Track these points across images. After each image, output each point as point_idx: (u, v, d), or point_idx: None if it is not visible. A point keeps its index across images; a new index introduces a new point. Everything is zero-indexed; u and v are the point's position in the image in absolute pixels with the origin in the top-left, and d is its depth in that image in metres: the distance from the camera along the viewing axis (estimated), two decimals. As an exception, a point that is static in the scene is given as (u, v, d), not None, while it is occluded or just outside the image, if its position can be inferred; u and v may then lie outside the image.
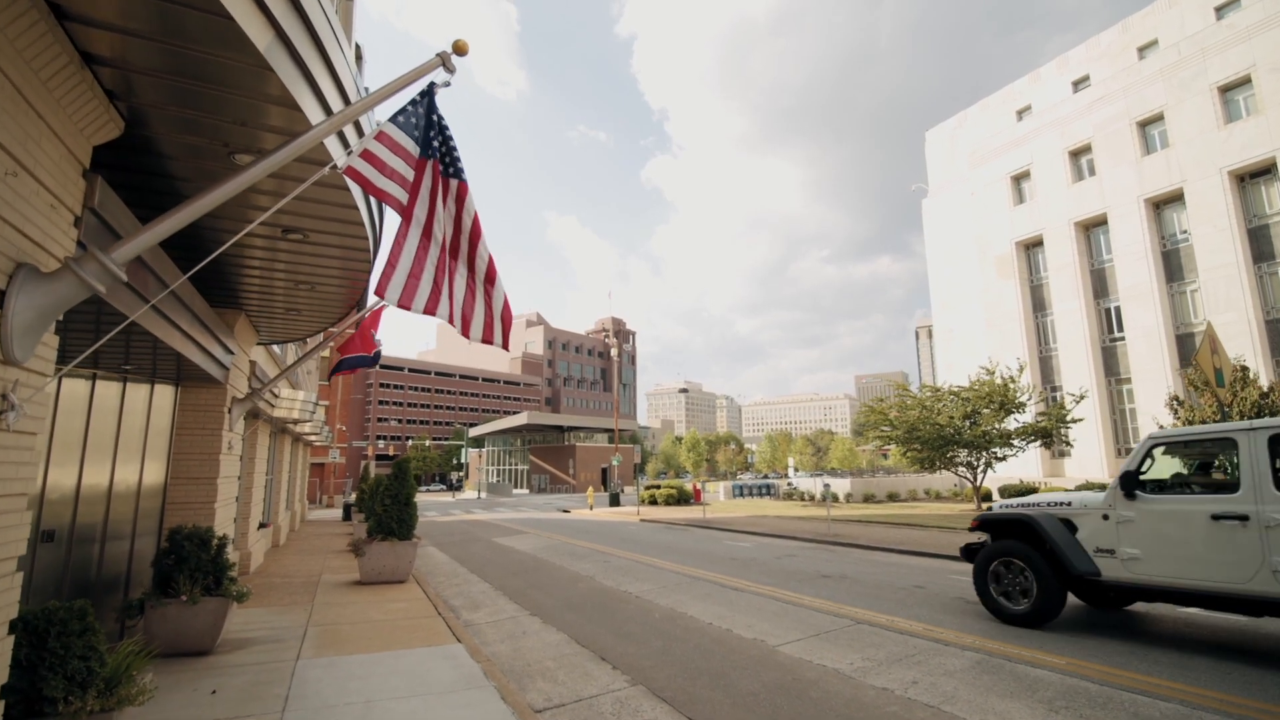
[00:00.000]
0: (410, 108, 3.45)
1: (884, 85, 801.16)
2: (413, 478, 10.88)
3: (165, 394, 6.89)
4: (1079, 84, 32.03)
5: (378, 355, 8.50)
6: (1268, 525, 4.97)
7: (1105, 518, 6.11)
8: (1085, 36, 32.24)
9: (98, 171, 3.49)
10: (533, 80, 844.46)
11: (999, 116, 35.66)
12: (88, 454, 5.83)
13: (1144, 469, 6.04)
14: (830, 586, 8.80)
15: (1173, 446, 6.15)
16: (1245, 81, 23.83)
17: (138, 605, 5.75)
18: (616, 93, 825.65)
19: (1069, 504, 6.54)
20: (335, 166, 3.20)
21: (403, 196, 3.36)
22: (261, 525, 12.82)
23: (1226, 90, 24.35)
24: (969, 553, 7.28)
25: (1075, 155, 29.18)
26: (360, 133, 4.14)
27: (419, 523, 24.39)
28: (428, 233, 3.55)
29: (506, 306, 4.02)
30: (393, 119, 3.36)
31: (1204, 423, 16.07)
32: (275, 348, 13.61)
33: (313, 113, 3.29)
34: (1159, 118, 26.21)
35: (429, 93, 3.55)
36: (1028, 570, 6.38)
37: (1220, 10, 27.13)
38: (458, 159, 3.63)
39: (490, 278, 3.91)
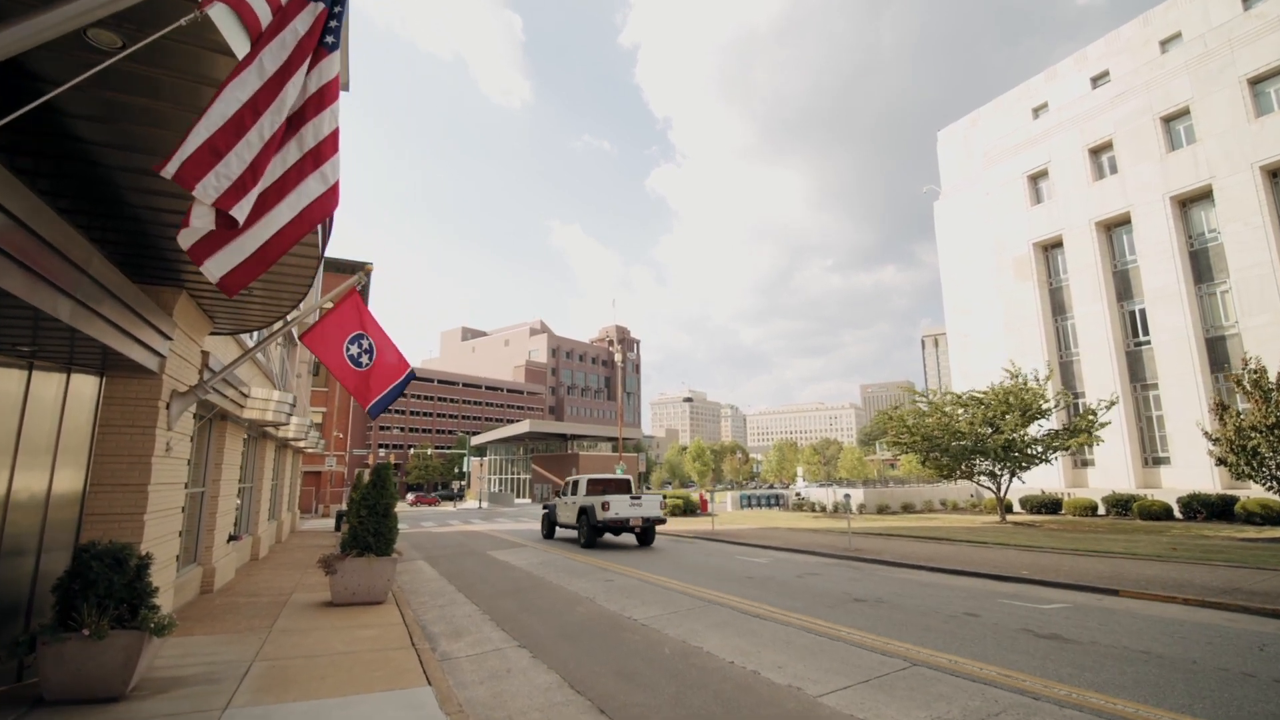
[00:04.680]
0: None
1: (887, 95, 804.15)
2: (394, 485, 9.79)
3: (86, 385, 5.84)
4: (1098, 80, 31.04)
5: (410, 376, 6.91)
6: (575, 503, 17.80)
7: (560, 504, 19.06)
8: (1088, 43, 31.35)
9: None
10: (537, 90, 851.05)
11: (1014, 115, 34.67)
12: (-22, 454, 4.78)
13: (572, 489, 18.51)
14: (867, 613, 7.63)
15: (588, 482, 18.19)
16: (1277, 73, 22.79)
17: (27, 642, 4.66)
18: (620, 102, 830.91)
19: (557, 501, 19.44)
20: None
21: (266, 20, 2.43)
22: (232, 538, 11.73)
23: (1257, 82, 23.30)
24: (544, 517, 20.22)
25: (1095, 153, 28.13)
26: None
27: (410, 534, 23.14)
28: (272, 91, 2.63)
29: (334, 191, 3.44)
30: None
31: (1254, 429, 14.87)
32: (250, 343, 12.59)
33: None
34: (1184, 112, 25.17)
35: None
36: (549, 520, 19.79)
37: (1247, 0, 26.12)
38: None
39: (321, 156, 3.29)
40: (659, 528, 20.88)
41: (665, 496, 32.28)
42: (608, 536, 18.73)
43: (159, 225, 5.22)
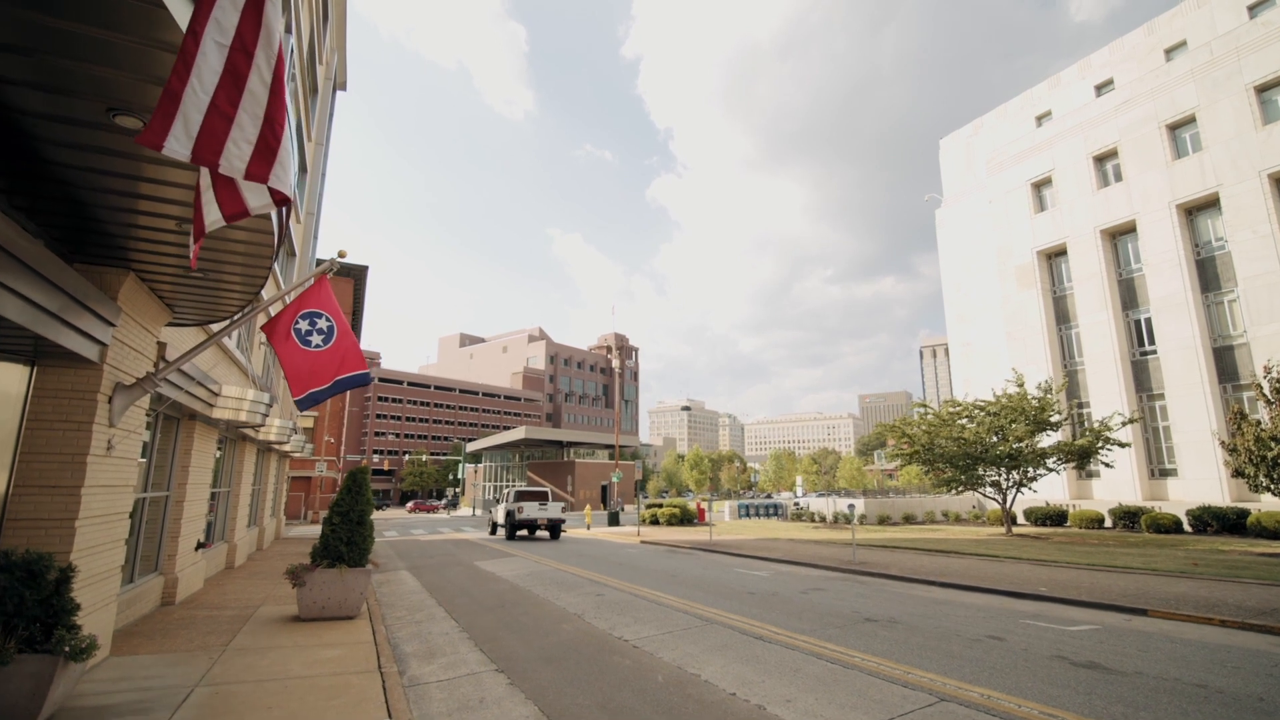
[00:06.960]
0: None
1: (887, 109, 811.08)
2: (370, 491, 9.16)
3: (12, 375, 5.22)
4: (1102, 88, 30.78)
5: (365, 377, 6.15)
6: (504, 508, 23.73)
7: (498, 509, 25.56)
8: (1091, 52, 31.12)
9: None
10: (540, 100, 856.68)
11: (1018, 123, 34.39)
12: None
13: (505, 498, 24.20)
14: (881, 636, 6.98)
15: (515, 493, 23.58)
16: (1285, 80, 22.48)
17: (-85, 668, 4.01)
18: (622, 112, 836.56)
19: (500, 505, 25.26)
20: None
21: None
22: (200, 545, 11.04)
23: (1264, 90, 22.98)
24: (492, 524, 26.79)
25: (1100, 160, 27.79)
26: None
27: (398, 542, 22.40)
28: (254, 21, 2.05)
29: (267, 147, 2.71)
30: None
31: (1274, 439, 14.31)
32: (228, 340, 11.96)
33: None
34: (1190, 120, 24.83)
35: None
36: (492, 521, 26.76)
37: (1253, 9, 25.90)
38: None
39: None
40: (673, 537, 23.58)
41: (663, 504, 31.66)
42: (564, 535, 25.02)
43: (96, 191, 4.55)
